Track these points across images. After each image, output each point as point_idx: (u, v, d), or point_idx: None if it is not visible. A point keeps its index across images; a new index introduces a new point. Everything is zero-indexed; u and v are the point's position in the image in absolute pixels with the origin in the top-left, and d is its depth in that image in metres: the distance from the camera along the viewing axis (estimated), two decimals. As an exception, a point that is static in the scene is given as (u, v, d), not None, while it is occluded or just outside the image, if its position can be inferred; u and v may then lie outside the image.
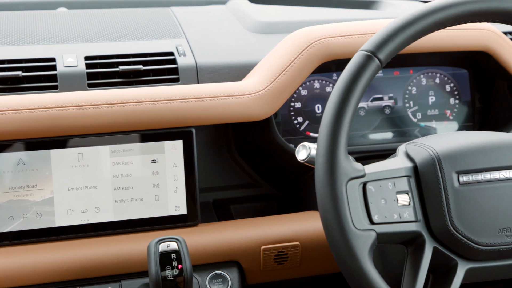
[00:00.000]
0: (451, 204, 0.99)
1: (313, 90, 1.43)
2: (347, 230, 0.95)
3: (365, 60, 0.98)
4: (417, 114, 1.48)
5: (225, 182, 1.44)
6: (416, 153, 1.04)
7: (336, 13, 1.74)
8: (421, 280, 0.98)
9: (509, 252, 1.01)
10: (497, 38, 1.40)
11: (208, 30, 1.55)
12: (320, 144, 0.98)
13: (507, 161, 1.02)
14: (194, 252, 1.24)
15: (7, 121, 1.18)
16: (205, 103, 1.27)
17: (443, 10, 0.99)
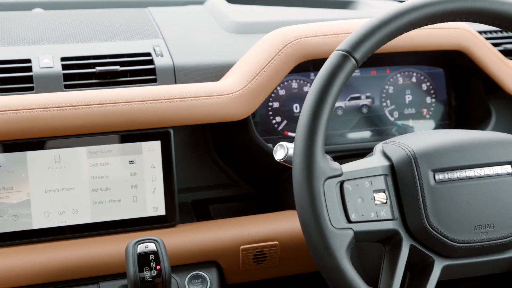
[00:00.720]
0: (427, 202, 1.00)
1: (291, 89, 1.44)
2: (325, 229, 0.95)
3: (341, 60, 0.98)
4: (394, 113, 1.49)
5: (204, 183, 1.44)
6: (392, 151, 1.05)
7: (313, 13, 1.74)
8: (398, 278, 0.99)
9: (484, 248, 1.02)
10: (472, 37, 1.41)
11: (186, 31, 1.55)
12: (297, 143, 0.98)
13: (482, 158, 1.03)
14: (172, 252, 1.23)
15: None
16: (182, 103, 1.27)
17: (418, 9, 1.00)
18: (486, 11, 1.02)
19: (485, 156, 1.04)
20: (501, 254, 1.04)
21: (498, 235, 1.02)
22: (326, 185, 0.97)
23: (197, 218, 1.40)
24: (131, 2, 1.78)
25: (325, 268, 0.96)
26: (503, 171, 1.04)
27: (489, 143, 1.05)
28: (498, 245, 1.02)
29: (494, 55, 1.43)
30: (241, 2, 1.79)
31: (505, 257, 1.04)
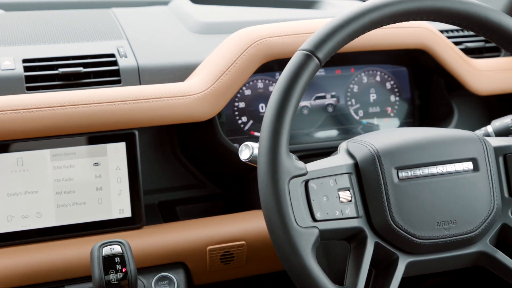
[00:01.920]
0: (391, 200, 1.01)
1: (256, 89, 1.44)
2: (290, 228, 0.96)
3: (304, 60, 0.99)
4: (359, 112, 1.51)
5: (171, 184, 1.43)
6: (356, 150, 1.05)
7: (277, 13, 1.75)
8: (364, 275, 1.00)
9: (448, 244, 1.03)
10: (433, 36, 1.43)
11: (150, 31, 1.54)
12: (261, 143, 0.98)
13: (444, 156, 1.05)
14: (139, 254, 1.23)
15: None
16: (147, 104, 1.26)
17: (379, 9, 1.01)
18: (446, 11, 1.04)
19: (447, 153, 1.05)
20: (464, 250, 1.05)
21: (461, 230, 1.03)
22: (291, 184, 0.97)
23: (163, 219, 1.40)
24: (94, 3, 1.76)
25: (291, 267, 0.97)
26: (464, 167, 1.05)
27: (450, 140, 1.06)
28: (461, 240, 1.04)
29: (455, 53, 1.46)
30: (205, 2, 1.78)
31: (467, 252, 1.05)
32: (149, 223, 1.32)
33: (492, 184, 1.05)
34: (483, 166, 1.05)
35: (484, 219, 1.04)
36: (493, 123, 1.28)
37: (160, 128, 1.40)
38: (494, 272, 1.07)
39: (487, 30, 1.06)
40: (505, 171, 1.08)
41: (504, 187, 1.08)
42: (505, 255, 1.06)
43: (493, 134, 1.27)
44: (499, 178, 1.07)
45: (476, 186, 1.05)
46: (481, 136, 1.09)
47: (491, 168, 1.06)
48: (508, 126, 1.25)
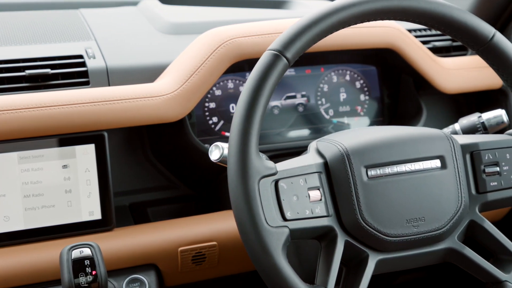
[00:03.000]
0: (361, 198, 1.02)
1: (227, 90, 1.44)
2: (260, 227, 0.96)
3: (273, 59, 0.99)
4: (329, 111, 1.51)
5: (141, 185, 1.43)
6: (326, 149, 1.06)
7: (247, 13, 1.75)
8: (334, 273, 1.00)
9: (416, 241, 1.04)
10: (401, 36, 1.45)
11: (119, 32, 1.53)
12: (231, 143, 0.98)
13: (412, 154, 1.06)
14: (109, 257, 1.22)
15: None
16: (116, 105, 1.25)
17: (347, 8, 1.01)
18: (413, 10, 1.05)
19: (415, 151, 1.06)
20: (432, 247, 1.06)
21: (429, 228, 1.04)
22: (261, 184, 0.98)
23: (135, 221, 1.39)
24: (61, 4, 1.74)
25: (262, 267, 0.97)
26: (432, 165, 1.06)
27: (418, 138, 1.07)
28: (430, 237, 1.05)
29: (423, 52, 1.47)
30: (175, 2, 1.78)
31: (436, 249, 1.06)
32: (120, 225, 1.31)
33: (460, 181, 1.07)
34: (450, 163, 1.07)
35: (452, 216, 1.05)
36: (460, 121, 1.30)
37: (130, 129, 1.39)
38: (462, 268, 1.09)
39: (453, 29, 1.07)
40: (472, 168, 1.10)
41: (471, 184, 1.09)
42: (473, 251, 1.08)
43: (461, 132, 1.28)
44: (466, 175, 1.09)
45: (443, 183, 1.06)
46: (449, 134, 1.10)
47: (458, 165, 1.07)
48: (475, 124, 1.27)
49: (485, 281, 1.09)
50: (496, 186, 1.10)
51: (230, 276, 1.42)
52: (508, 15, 1.63)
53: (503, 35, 1.11)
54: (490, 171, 1.10)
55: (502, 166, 1.10)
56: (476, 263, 1.07)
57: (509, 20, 1.64)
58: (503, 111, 1.26)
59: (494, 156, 1.10)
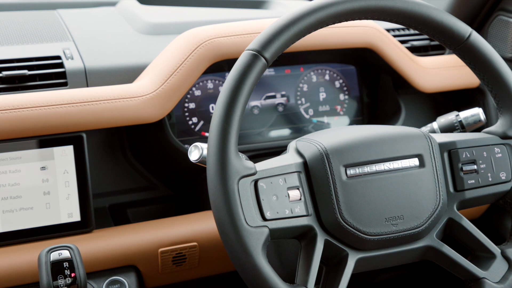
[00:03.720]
0: (340, 197, 1.02)
1: (206, 90, 1.44)
2: (240, 227, 0.96)
3: (251, 59, 0.99)
4: (309, 111, 1.52)
5: (121, 186, 1.42)
6: (305, 148, 1.06)
7: (226, 13, 1.75)
8: (314, 272, 1.00)
9: (396, 240, 1.05)
10: (379, 35, 1.45)
11: (97, 33, 1.52)
12: (210, 144, 0.98)
13: (391, 152, 1.06)
14: (89, 259, 1.21)
15: None
16: (95, 106, 1.25)
17: (325, 8, 1.02)
18: (390, 9, 1.05)
19: (393, 150, 1.06)
20: (411, 245, 1.07)
21: (408, 226, 1.05)
22: (241, 184, 0.98)
23: (114, 222, 1.38)
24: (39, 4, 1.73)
25: (242, 267, 0.97)
26: (411, 164, 1.07)
27: (397, 137, 1.08)
28: (408, 236, 1.05)
29: (401, 52, 1.48)
30: (153, 3, 1.77)
31: (415, 247, 1.07)
32: (99, 226, 1.31)
33: (438, 179, 1.07)
34: (428, 162, 1.07)
35: (431, 214, 1.06)
36: (438, 119, 1.30)
37: (109, 130, 1.38)
38: (441, 265, 1.09)
39: (430, 29, 1.08)
40: (449, 167, 1.10)
41: (449, 182, 1.10)
42: (451, 249, 1.08)
43: (439, 131, 1.29)
44: (444, 174, 1.09)
45: (422, 181, 1.06)
46: (427, 132, 1.10)
47: (436, 163, 1.08)
48: (453, 122, 1.28)
49: (463, 278, 1.09)
50: (474, 184, 1.10)
51: (211, 277, 1.42)
52: (485, 14, 1.64)
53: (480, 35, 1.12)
54: (468, 169, 1.10)
55: (479, 164, 1.11)
56: (455, 261, 1.08)
57: (486, 20, 1.65)
58: (480, 109, 1.27)
59: (471, 154, 1.11)
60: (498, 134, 1.13)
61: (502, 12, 1.62)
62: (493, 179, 1.11)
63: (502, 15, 1.62)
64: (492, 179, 1.11)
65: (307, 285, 0.99)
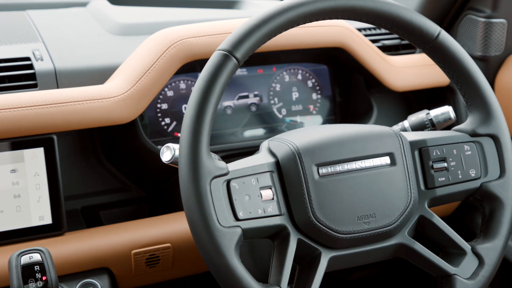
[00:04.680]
0: (312, 196, 1.02)
1: (179, 90, 1.43)
2: (213, 228, 0.96)
3: (222, 59, 0.99)
4: (282, 110, 1.52)
5: (93, 188, 1.41)
6: (277, 148, 1.06)
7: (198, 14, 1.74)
8: (287, 272, 1.00)
9: (368, 238, 1.05)
10: (351, 35, 1.46)
11: (67, 34, 1.51)
12: (182, 144, 0.98)
13: (362, 151, 1.07)
14: (61, 262, 1.20)
15: None
16: (65, 108, 1.23)
17: (295, 8, 1.02)
18: (360, 9, 1.06)
19: (365, 148, 1.07)
20: (383, 243, 1.08)
21: (380, 224, 1.05)
22: (213, 184, 0.97)
23: (87, 225, 1.37)
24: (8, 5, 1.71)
25: (215, 267, 0.97)
26: (382, 162, 1.08)
27: (368, 136, 1.08)
28: (380, 233, 1.06)
29: (372, 51, 1.49)
30: (124, 3, 1.76)
31: (387, 245, 1.08)
32: (72, 229, 1.29)
33: (409, 177, 1.08)
34: (399, 160, 1.08)
35: (402, 212, 1.07)
36: (409, 118, 1.31)
37: (81, 132, 1.37)
38: (413, 262, 1.10)
39: (399, 28, 1.09)
40: (420, 165, 1.11)
41: (420, 180, 1.11)
42: (423, 246, 1.09)
43: (410, 129, 1.30)
44: (415, 172, 1.10)
45: (393, 180, 1.07)
46: (398, 131, 1.11)
47: (407, 162, 1.09)
48: (423, 121, 1.29)
49: (435, 275, 1.10)
50: (444, 182, 1.12)
51: (185, 278, 1.41)
52: (454, 14, 1.66)
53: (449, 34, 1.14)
54: (438, 167, 1.12)
55: (449, 161, 1.12)
56: (426, 258, 1.09)
57: (455, 19, 1.67)
58: (450, 107, 1.29)
59: (441, 152, 1.12)
60: (468, 132, 1.15)
61: (471, 11, 1.64)
62: (463, 176, 1.12)
63: (471, 14, 1.64)
64: (462, 176, 1.12)
65: (280, 285, 1.00)
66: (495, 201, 1.12)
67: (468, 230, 1.74)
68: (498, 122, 1.13)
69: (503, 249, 1.12)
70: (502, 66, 1.66)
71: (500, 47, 1.64)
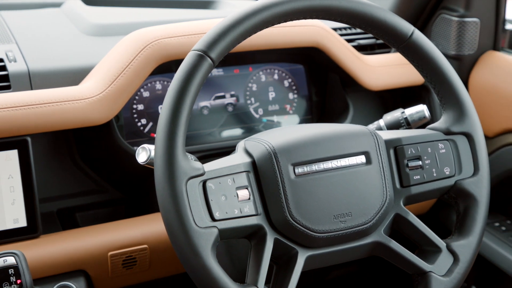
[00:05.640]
0: (289, 196, 1.02)
1: (155, 91, 1.43)
2: (189, 228, 0.95)
3: (197, 60, 0.99)
4: (259, 110, 1.52)
5: (69, 190, 1.40)
6: (253, 148, 1.06)
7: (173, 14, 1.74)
8: (264, 271, 1.00)
9: (344, 237, 1.06)
10: (326, 34, 1.47)
11: (41, 34, 1.50)
12: (157, 145, 0.97)
13: (338, 150, 1.07)
14: (36, 265, 1.19)
15: None
16: (40, 109, 1.22)
17: (270, 8, 1.02)
18: (335, 9, 1.06)
19: (340, 148, 1.07)
20: (360, 241, 1.08)
21: (356, 222, 1.06)
22: (189, 185, 0.97)
23: (63, 227, 1.36)
24: (-20, 6, 1.69)
25: (191, 268, 0.96)
26: (358, 161, 1.08)
27: (344, 135, 1.09)
28: (357, 232, 1.06)
29: (348, 50, 1.50)
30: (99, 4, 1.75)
31: (363, 243, 1.08)
32: (47, 231, 1.28)
33: (384, 176, 1.09)
34: (375, 159, 1.09)
35: (378, 210, 1.07)
36: (385, 117, 1.32)
37: (56, 133, 1.36)
38: (389, 260, 1.11)
39: (374, 28, 1.09)
40: (396, 163, 1.12)
41: (395, 178, 1.11)
42: (399, 244, 1.10)
43: (385, 128, 1.31)
44: (391, 170, 1.11)
45: (369, 178, 1.08)
46: (373, 130, 1.12)
47: (382, 160, 1.09)
48: (398, 120, 1.30)
49: (410, 272, 1.11)
50: (419, 180, 1.12)
51: (162, 279, 1.41)
52: (428, 13, 1.68)
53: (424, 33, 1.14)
54: (413, 165, 1.12)
55: (424, 160, 1.13)
56: (402, 255, 1.09)
57: (429, 18, 1.69)
58: (425, 106, 1.30)
59: (416, 150, 1.13)
60: (442, 130, 1.16)
61: (445, 11, 1.66)
62: (438, 174, 1.13)
63: (445, 14, 1.66)
64: (437, 174, 1.13)
65: (257, 285, 1.00)
66: (469, 199, 1.13)
67: (444, 228, 1.76)
68: (471, 120, 1.15)
69: (477, 246, 1.13)
70: (476, 65, 1.68)
71: (473, 46, 1.66)
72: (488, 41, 1.67)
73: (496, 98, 1.63)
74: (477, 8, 1.62)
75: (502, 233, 1.69)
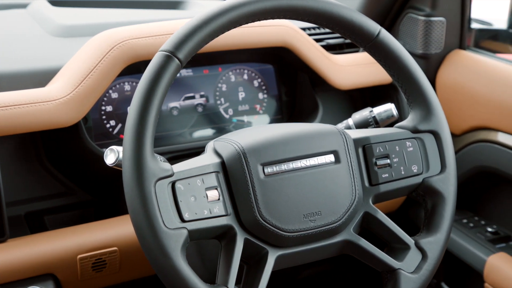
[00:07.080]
0: (258, 196, 1.02)
1: (123, 92, 1.42)
2: (158, 230, 0.95)
3: (165, 60, 0.98)
4: (228, 110, 1.52)
5: (37, 193, 1.38)
6: (223, 148, 1.06)
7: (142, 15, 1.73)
8: (234, 271, 1.00)
9: (314, 236, 1.06)
10: (295, 34, 1.47)
11: (7, 36, 1.48)
12: (125, 147, 0.97)
13: (307, 150, 1.07)
14: (3, 269, 1.18)
15: None
16: (5, 112, 1.21)
17: (237, 8, 1.02)
18: (302, 9, 1.06)
19: (309, 147, 1.08)
20: (329, 240, 1.08)
21: (326, 221, 1.06)
22: (158, 186, 0.97)
23: (31, 231, 1.35)
24: None
25: (161, 269, 0.96)
26: (327, 160, 1.08)
27: (312, 134, 1.09)
28: (326, 231, 1.06)
29: (316, 50, 1.50)
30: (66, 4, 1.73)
31: (333, 242, 1.08)
32: (15, 235, 1.27)
33: (353, 174, 1.09)
34: (344, 158, 1.09)
35: (347, 209, 1.08)
36: (354, 116, 1.33)
37: (23, 136, 1.34)
38: (359, 258, 1.12)
39: (341, 27, 1.10)
40: (364, 162, 1.13)
41: (364, 177, 1.12)
42: (368, 242, 1.10)
43: (354, 127, 1.32)
44: (359, 169, 1.12)
45: (338, 177, 1.08)
46: (342, 129, 1.12)
47: (351, 159, 1.10)
48: (367, 118, 1.31)
49: (380, 270, 1.12)
50: (387, 178, 1.13)
51: (132, 281, 1.40)
52: (395, 12, 1.69)
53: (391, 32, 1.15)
54: (382, 164, 1.13)
55: (392, 158, 1.14)
56: (371, 253, 1.10)
57: (396, 18, 1.70)
58: (392, 105, 1.30)
59: (384, 148, 1.14)
60: (409, 129, 1.17)
61: (411, 10, 1.68)
62: (406, 172, 1.14)
63: (412, 13, 1.67)
64: (405, 172, 1.14)
65: (227, 285, 0.99)
66: (437, 196, 1.14)
67: (413, 225, 1.77)
68: (438, 118, 1.16)
69: (445, 243, 1.14)
70: (442, 64, 1.70)
71: (440, 45, 1.68)
72: (454, 40, 1.69)
73: (462, 96, 1.65)
74: (443, 7, 1.64)
75: (470, 230, 1.71)
